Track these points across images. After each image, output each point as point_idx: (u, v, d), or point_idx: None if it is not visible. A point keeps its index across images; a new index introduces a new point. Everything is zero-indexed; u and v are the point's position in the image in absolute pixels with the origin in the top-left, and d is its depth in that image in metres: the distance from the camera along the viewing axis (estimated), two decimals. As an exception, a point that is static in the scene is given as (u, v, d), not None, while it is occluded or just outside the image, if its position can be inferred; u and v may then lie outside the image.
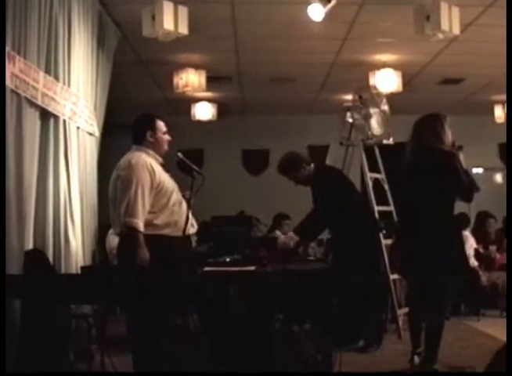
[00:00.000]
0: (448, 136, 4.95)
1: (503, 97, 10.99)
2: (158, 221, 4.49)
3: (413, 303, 5.28)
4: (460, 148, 4.96)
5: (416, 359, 5.05)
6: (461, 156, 4.93)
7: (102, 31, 6.70)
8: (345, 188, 6.18)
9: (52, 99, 5.20)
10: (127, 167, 4.52)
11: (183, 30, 5.97)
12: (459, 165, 4.77)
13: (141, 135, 4.70)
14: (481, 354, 5.31)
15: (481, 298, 8.01)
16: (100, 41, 6.65)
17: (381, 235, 6.67)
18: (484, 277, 8.06)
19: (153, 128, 4.71)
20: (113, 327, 5.60)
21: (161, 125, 4.77)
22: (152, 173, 4.50)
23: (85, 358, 5.21)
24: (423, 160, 4.89)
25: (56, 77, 5.33)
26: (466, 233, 8.22)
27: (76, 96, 5.83)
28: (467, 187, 4.79)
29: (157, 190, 4.52)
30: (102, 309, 5.53)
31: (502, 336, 6.10)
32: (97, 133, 6.65)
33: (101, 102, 6.80)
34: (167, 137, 4.79)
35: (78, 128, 5.97)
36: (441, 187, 4.79)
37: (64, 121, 5.53)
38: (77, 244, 5.68)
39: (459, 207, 9.96)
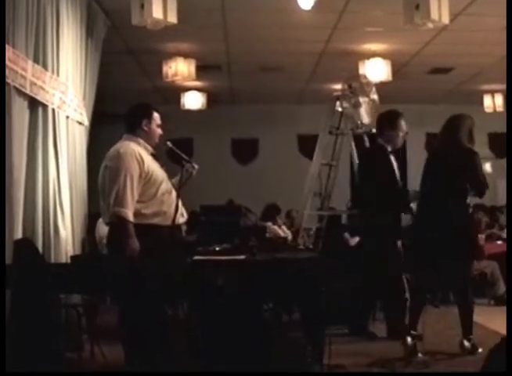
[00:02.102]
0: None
1: (493, 87, 11.02)
2: (147, 210, 4.49)
3: (419, 289, 5.53)
4: None
5: (409, 340, 5.17)
6: None
7: (90, 20, 6.65)
8: None
9: (41, 88, 5.17)
10: (115, 156, 4.51)
11: (172, 18, 5.93)
12: (480, 165, 5.27)
13: (136, 124, 4.71)
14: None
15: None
16: (89, 29, 6.61)
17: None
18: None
19: (150, 118, 4.74)
20: (103, 317, 5.60)
21: (157, 117, 4.81)
22: (140, 162, 4.50)
23: (75, 348, 5.22)
24: (453, 158, 5.27)
25: (45, 66, 5.30)
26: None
27: (65, 85, 5.80)
28: (484, 186, 5.25)
29: (146, 180, 4.52)
30: (92, 299, 5.53)
31: (490, 324, 6.18)
32: (86, 122, 6.62)
33: (90, 91, 6.76)
34: (159, 130, 4.81)
35: (67, 117, 5.94)
36: (464, 184, 5.24)
37: (53, 110, 5.50)
38: (66, 234, 5.66)
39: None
